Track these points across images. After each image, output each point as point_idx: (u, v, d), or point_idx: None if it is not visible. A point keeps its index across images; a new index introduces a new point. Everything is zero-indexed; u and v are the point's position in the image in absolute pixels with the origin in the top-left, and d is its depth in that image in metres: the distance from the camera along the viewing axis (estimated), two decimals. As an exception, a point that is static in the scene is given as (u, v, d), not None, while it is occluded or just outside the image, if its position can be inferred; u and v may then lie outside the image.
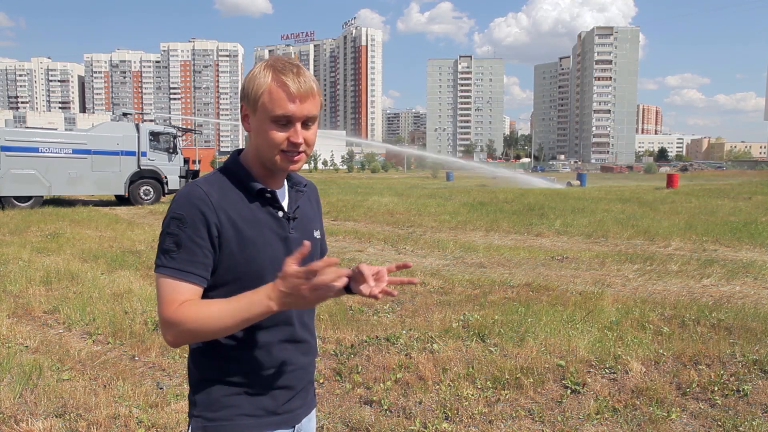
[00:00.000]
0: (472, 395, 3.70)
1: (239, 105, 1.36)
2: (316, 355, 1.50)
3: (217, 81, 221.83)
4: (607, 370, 4.09)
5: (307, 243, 1.16)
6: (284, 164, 1.30)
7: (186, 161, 21.60)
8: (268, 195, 1.33)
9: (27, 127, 27.58)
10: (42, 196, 18.76)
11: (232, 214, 1.28)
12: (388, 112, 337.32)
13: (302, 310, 1.40)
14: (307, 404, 1.47)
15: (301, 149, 1.29)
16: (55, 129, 23.90)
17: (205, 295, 1.31)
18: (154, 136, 20.49)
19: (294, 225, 1.37)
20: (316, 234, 1.46)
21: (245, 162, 1.37)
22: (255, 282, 1.29)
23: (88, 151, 19.23)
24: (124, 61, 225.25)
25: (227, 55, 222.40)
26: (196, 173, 22.00)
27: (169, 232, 1.26)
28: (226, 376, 1.31)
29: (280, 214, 1.35)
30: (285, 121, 1.27)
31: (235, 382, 1.31)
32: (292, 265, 1.14)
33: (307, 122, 1.29)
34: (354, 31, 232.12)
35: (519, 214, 15.64)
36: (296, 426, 1.42)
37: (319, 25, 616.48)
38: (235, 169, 1.35)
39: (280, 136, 1.27)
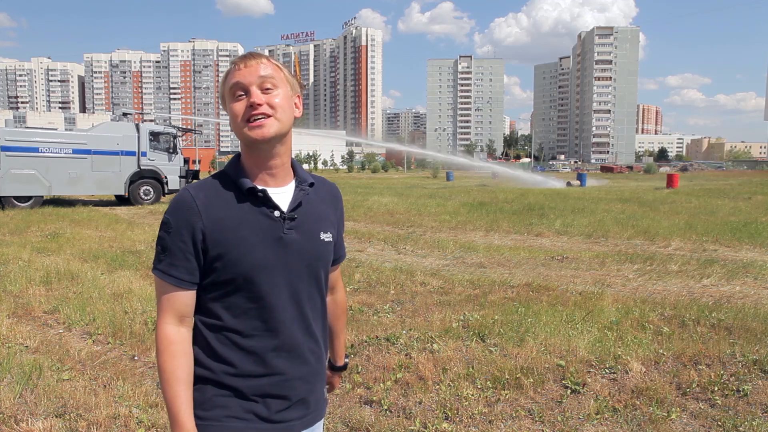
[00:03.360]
0: (472, 395, 3.69)
1: None
2: (322, 365, 1.45)
3: (217, 81, 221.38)
4: (607, 370, 4.09)
5: None
6: (250, 132, 1.30)
7: (186, 161, 21.60)
8: (260, 194, 1.32)
9: (27, 127, 27.56)
10: (42, 196, 18.76)
11: (221, 216, 1.29)
12: (388, 112, 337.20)
13: (308, 319, 1.39)
14: (310, 416, 1.42)
15: (262, 110, 1.29)
16: (55, 129, 23.88)
17: (202, 297, 1.34)
18: (154, 136, 20.50)
19: (292, 225, 1.34)
20: (323, 236, 1.40)
21: (243, 162, 1.37)
22: (246, 284, 1.30)
23: (88, 151, 19.24)
24: (124, 61, 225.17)
25: (227, 55, 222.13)
26: (196, 173, 22.02)
27: (159, 236, 1.34)
28: (217, 378, 1.32)
29: (276, 213, 1.33)
30: (240, 91, 1.31)
31: (225, 384, 1.32)
32: None
33: (264, 86, 1.31)
34: (354, 31, 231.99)
35: (519, 214, 15.64)
36: None
37: (320, 25, 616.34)
38: (230, 170, 1.36)
39: (240, 105, 1.31)
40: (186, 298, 1.32)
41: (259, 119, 1.29)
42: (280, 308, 1.33)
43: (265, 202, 1.32)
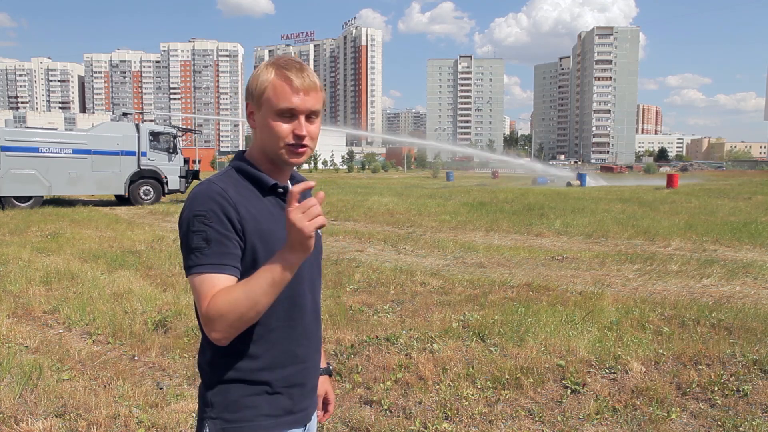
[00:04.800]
0: (472, 395, 3.70)
1: (243, 104, 1.39)
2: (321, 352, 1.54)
3: (217, 81, 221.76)
4: (607, 370, 4.09)
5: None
6: (289, 157, 1.32)
7: (186, 161, 21.59)
8: (281, 190, 1.36)
9: (27, 127, 27.54)
10: (42, 196, 18.75)
11: (250, 209, 1.29)
12: (388, 112, 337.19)
13: (318, 308, 1.45)
14: (315, 401, 1.49)
15: (305, 142, 1.32)
16: (55, 129, 23.87)
17: None
18: (154, 136, 20.48)
19: None
20: (319, 230, 1.47)
21: (255, 160, 1.38)
22: None
23: (88, 151, 19.23)
24: (124, 61, 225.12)
25: (227, 55, 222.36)
26: (196, 173, 21.99)
27: (195, 230, 1.23)
28: (245, 376, 1.30)
29: None
30: (289, 114, 1.30)
31: (254, 381, 1.31)
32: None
33: (310, 116, 1.32)
34: (354, 31, 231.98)
35: (519, 214, 15.64)
36: (307, 425, 1.42)
37: (320, 25, 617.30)
38: (245, 166, 1.36)
39: (285, 128, 1.30)
40: (231, 282, 1.24)
41: (299, 148, 1.32)
42: (305, 299, 1.38)
43: (284, 197, 1.36)
